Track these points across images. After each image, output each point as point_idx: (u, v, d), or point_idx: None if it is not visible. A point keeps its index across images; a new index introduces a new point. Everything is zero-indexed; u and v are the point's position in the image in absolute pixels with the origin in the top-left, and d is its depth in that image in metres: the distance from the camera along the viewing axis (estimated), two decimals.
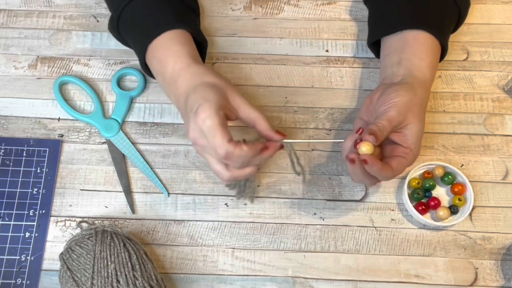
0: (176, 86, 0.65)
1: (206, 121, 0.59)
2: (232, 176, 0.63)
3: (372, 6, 0.80)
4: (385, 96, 0.66)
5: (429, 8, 0.73)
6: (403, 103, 0.64)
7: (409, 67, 0.69)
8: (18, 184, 0.72)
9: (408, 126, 0.65)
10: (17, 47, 0.81)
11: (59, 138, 0.75)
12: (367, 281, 0.69)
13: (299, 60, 0.81)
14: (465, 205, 0.71)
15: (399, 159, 0.64)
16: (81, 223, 0.70)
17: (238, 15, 0.84)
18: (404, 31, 0.71)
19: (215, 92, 0.61)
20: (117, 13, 0.71)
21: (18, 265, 0.68)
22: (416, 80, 0.68)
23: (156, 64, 0.68)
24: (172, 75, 0.66)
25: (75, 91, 0.78)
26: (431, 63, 0.70)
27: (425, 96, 0.68)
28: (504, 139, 0.76)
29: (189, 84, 0.64)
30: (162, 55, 0.67)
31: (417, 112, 0.65)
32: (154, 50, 0.68)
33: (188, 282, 0.69)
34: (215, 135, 0.59)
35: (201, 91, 0.62)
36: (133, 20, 0.71)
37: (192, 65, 0.66)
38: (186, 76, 0.65)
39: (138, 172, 0.74)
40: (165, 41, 0.67)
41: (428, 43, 0.71)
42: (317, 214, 0.72)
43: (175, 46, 0.67)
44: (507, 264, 0.70)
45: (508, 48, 0.82)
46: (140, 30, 0.70)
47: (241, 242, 0.71)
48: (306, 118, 0.77)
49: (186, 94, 0.63)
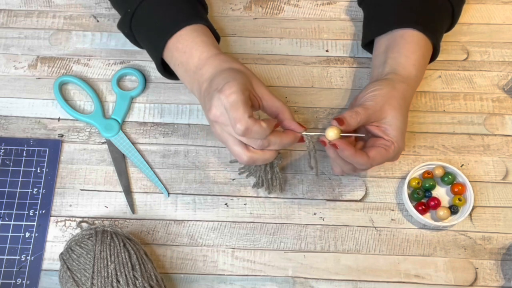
0: (202, 73, 0.66)
1: (231, 96, 0.60)
2: (251, 158, 0.63)
3: (365, 8, 0.81)
4: (364, 91, 0.68)
5: (419, 7, 0.73)
6: (380, 95, 0.66)
7: (394, 65, 0.70)
8: (18, 184, 0.72)
9: (388, 119, 0.66)
10: (17, 47, 0.81)
11: (59, 138, 0.75)
12: (367, 281, 0.69)
13: (299, 60, 0.81)
14: (465, 205, 0.71)
15: (379, 149, 0.65)
16: (81, 223, 0.70)
17: (238, 15, 0.84)
18: (394, 30, 0.72)
19: (242, 76, 0.63)
20: (132, 9, 0.72)
21: (18, 265, 0.68)
22: (398, 76, 0.69)
23: (179, 55, 0.69)
24: (198, 64, 0.67)
25: (75, 91, 0.79)
26: (418, 60, 0.70)
27: (406, 91, 0.68)
28: (504, 139, 0.76)
29: (217, 69, 0.65)
30: (187, 46, 0.68)
31: (396, 105, 0.66)
32: (177, 42, 0.69)
33: (188, 282, 0.69)
34: (237, 108, 0.59)
35: (228, 72, 0.63)
36: (150, 16, 0.71)
37: (220, 54, 0.67)
38: (214, 62, 0.66)
39: (138, 172, 0.74)
40: (188, 33, 0.69)
41: (415, 41, 0.71)
42: (317, 214, 0.72)
43: (201, 37, 0.68)
44: (507, 264, 0.70)
45: (508, 48, 0.82)
46: (159, 24, 0.71)
47: (241, 242, 0.71)
48: (306, 118, 0.77)
49: (211, 77, 0.65)
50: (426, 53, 0.72)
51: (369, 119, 0.66)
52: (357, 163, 0.64)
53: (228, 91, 0.60)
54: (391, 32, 0.72)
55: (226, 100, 0.60)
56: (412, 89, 0.70)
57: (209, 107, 0.62)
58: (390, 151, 0.65)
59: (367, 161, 0.64)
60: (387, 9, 0.75)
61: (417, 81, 0.71)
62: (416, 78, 0.70)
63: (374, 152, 0.65)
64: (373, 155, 0.64)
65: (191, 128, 0.76)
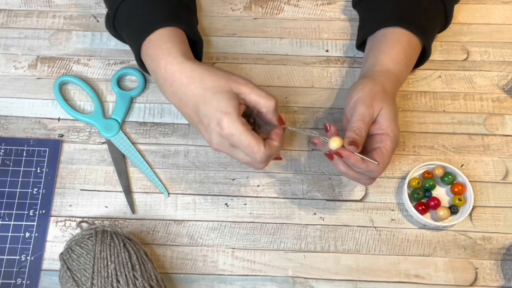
0: (173, 89, 0.65)
1: (234, 137, 0.61)
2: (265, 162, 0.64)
3: (359, 10, 0.82)
4: (348, 96, 0.68)
5: (407, 7, 0.74)
6: (366, 96, 0.66)
7: (372, 62, 0.71)
8: (18, 184, 0.72)
9: (380, 113, 0.66)
10: (17, 47, 0.81)
11: (59, 138, 0.75)
12: (367, 281, 0.69)
13: (299, 60, 0.81)
14: (465, 205, 0.71)
15: (378, 149, 0.64)
16: (81, 223, 0.70)
17: (238, 15, 0.84)
18: (380, 30, 0.73)
19: (226, 98, 0.62)
20: (113, 10, 0.72)
21: (18, 265, 0.68)
22: (375, 72, 0.69)
23: (150, 62, 0.68)
24: (165, 76, 0.66)
25: (75, 91, 0.79)
26: (397, 55, 0.71)
27: (386, 83, 0.68)
28: (504, 139, 0.76)
29: (194, 92, 0.63)
30: (154, 53, 0.67)
31: (382, 97, 0.66)
32: (147, 48, 0.68)
33: (188, 282, 0.69)
34: (250, 145, 0.61)
35: (212, 102, 0.62)
36: (128, 17, 0.71)
37: (185, 65, 0.65)
38: (183, 79, 0.64)
39: (138, 172, 0.74)
40: (157, 38, 0.67)
41: (396, 37, 0.71)
42: (317, 214, 0.72)
43: (166, 43, 0.67)
44: (507, 264, 0.70)
45: (508, 48, 0.82)
46: (135, 27, 0.70)
47: (241, 242, 0.71)
48: (306, 118, 0.77)
49: (193, 102, 0.64)
50: (409, 48, 0.72)
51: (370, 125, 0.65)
52: (367, 170, 0.63)
53: (226, 130, 0.61)
54: (378, 31, 0.73)
55: (231, 140, 0.62)
56: (392, 82, 0.69)
57: (209, 139, 0.64)
58: (388, 144, 0.64)
59: (378, 167, 0.63)
60: (376, 10, 0.76)
61: (397, 75, 0.70)
62: (395, 71, 0.70)
63: (379, 157, 0.64)
64: (380, 160, 0.63)
65: (191, 128, 0.76)
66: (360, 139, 0.63)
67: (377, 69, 0.70)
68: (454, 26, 0.83)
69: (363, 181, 0.66)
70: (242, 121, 0.62)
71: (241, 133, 0.61)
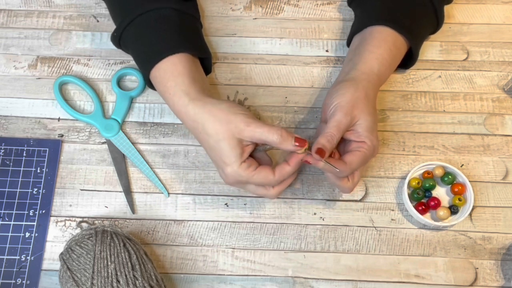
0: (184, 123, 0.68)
1: (242, 180, 0.64)
2: (279, 191, 0.67)
3: (353, 9, 0.82)
4: (329, 98, 0.67)
5: (395, 6, 0.74)
6: (346, 102, 0.65)
7: (356, 61, 0.70)
8: (18, 184, 0.72)
9: (358, 122, 0.65)
10: (17, 47, 0.81)
11: (59, 138, 0.75)
12: (367, 281, 0.69)
13: (299, 60, 0.81)
14: (465, 205, 0.71)
15: (353, 153, 0.65)
16: (81, 223, 0.70)
17: (238, 15, 0.84)
18: (366, 28, 0.73)
19: (228, 146, 0.63)
20: (119, 32, 0.72)
21: (18, 265, 0.68)
22: (358, 73, 0.69)
23: (158, 90, 0.70)
24: (175, 112, 0.68)
25: (75, 91, 0.79)
26: (381, 55, 0.70)
27: (368, 88, 0.68)
28: (504, 139, 0.76)
29: (199, 137, 0.66)
30: (162, 87, 0.68)
31: (363, 107, 0.66)
32: (155, 77, 0.69)
33: (188, 282, 0.69)
34: (261, 183, 0.64)
35: (215, 150, 0.64)
36: (135, 41, 0.71)
37: (189, 108, 0.65)
38: (189, 122, 0.66)
39: (138, 172, 0.74)
40: (164, 68, 0.68)
41: (382, 36, 0.71)
42: (317, 214, 0.72)
43: (170, 81, 0.67)
44: (507, 264, 0.70)
45: (508, 48, 0.82)
46: (142, 55, 0.71)
47: (241, 242, 0.71)
48: (306, 118, 0.77)
49: (201, 143, 0.67)
50: (394, 48, 0.71)
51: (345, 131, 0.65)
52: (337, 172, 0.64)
53: (231, 179, 0.64)
54: (365, 29, 0.73)
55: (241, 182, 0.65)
56: (374, 85, 0.69)
57: (222, 175, 0.66)
58: (364, 151, 0.65)
59: (346, 168, 0.64)
60: (366, 8, 0.76)
61: (380, 76, 0.70)
62: (378, 73, 0.70)
63: (350, 157, 0.64)
64: (350, 160, 0.64)
65: None
66: (330, 147, 0.63)
67: (361, 69, 0.69)
68: (454, 26, 0.83)
69: (332, 181, 0.67)
70: (246, 165, 0.63)
71: (247, 178, 0.64)
